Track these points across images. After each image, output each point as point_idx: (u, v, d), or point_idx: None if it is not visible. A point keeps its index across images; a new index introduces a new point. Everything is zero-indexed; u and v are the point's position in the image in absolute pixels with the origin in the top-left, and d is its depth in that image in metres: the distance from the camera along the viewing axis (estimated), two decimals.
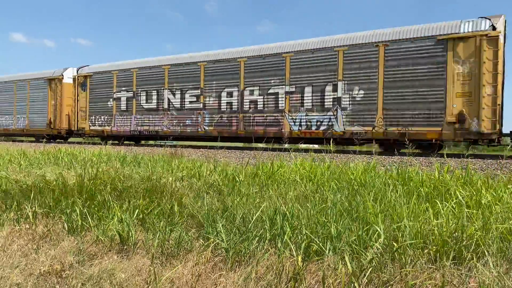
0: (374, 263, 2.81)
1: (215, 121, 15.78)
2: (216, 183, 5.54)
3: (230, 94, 15.46)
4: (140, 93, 17.90)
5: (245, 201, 4.39)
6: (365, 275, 2.67)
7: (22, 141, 22.37)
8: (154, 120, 17.44)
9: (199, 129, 16.08)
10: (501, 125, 11.19)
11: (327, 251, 3.08)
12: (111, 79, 18.93)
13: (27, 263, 3.34)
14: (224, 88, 15.59)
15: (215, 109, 15.77)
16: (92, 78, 19.71)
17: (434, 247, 3.01)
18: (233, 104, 15.40)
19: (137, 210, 4.12)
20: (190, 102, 16.43)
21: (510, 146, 8.24)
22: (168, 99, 16.99)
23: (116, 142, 19.57)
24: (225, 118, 15.54)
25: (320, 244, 3.16)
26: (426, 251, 2.99)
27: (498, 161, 9.01)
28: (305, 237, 3.28)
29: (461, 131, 11.06)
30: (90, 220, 4.02)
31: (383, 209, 3.89)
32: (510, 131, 11.22)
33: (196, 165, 7.25)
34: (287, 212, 3.70)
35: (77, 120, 20.09)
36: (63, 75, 21.37)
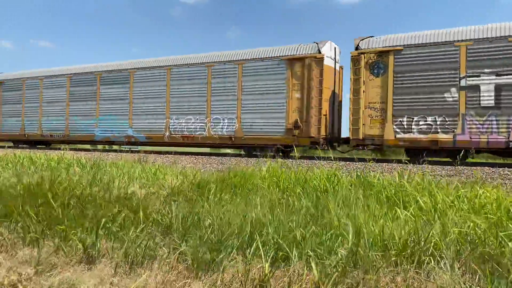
0: (338, 269, 2.86)
1: None
2: (184, 190, 5.49)
3: None
4: None
5: (213, 209, 4.37)
6: (329, 281, 2.72)
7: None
8: None
9: None
10: None
11: (293, 257, 3.11)
12: (454, 55, 11.27)
13: None
14: None
15: None
16: (400, 55, 11.92)
17: (394, 252, 3.11)
18: None
19: (103, 220, 4.00)
20: None
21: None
22: None
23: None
24: None
25: (287, 250, 3.18)
26: (386, 258, 3.08)
27: (456, 167, 9.40)
28: (272, 243, 3.30)
29: None
30: (50, 230, 3.88)
31: (349, 216, 3.97)
32: None
33: (163, 172, 7.15)
34: (254, 219, 3.72)
35: (362, 124, 12.29)
36: (322, 53, 13.06)
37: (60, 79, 18.51)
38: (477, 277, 2.80)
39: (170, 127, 15.47)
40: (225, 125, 14.50)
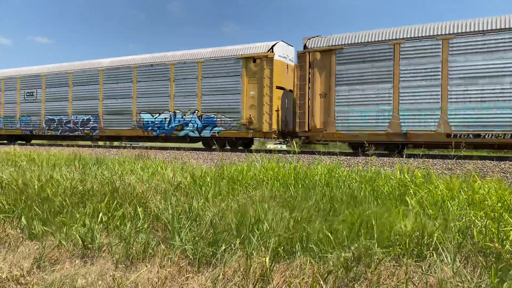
0: (340, 263, 2.86)
1: None
2: (182, 184, 5.48)
3: None
4: None
5: (212, 203, 4.37)
6: (331, 275, 2.72)
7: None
8: None
9: None
10: None
11: (296, 251, 3.11)
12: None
13: None
14: None
15: None
16: None
17: (398, 248, 3.10)
18: None
19: (100, 214, 4.00)
20: None
21: None
22: None
23: None
24: None
25: (290, 244, 3.18)
26: (390, 253, 3.08)
27: (457, 160, 9.40)
28: (274, 237, 3.30)
29: None
30: (51, 226, 3.88)
31: (353, 212, 3.96)
32: None
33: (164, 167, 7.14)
34: (253, 214, 3.71)
35: None
36: None
37: (377, 48, 11.59)
38: (478, 270, 2.80)
39: None
40: None
